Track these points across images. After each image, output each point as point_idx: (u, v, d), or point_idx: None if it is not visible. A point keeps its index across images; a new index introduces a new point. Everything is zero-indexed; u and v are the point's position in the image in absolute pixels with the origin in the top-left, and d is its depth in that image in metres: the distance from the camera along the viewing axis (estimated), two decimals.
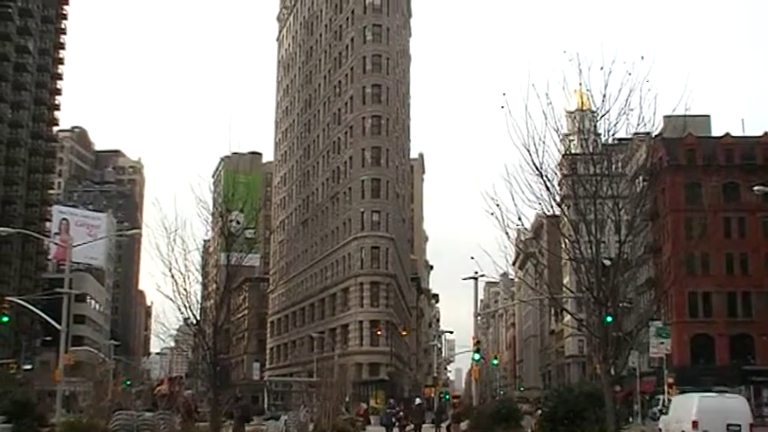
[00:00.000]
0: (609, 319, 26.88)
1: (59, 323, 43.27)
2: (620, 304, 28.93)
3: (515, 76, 27.41)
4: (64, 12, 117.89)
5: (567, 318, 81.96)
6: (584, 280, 27.29)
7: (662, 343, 64.23)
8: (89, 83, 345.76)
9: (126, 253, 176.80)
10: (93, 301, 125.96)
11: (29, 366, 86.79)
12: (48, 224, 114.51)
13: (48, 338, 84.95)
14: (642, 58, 26.16)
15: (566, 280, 64.00)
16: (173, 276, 34.78)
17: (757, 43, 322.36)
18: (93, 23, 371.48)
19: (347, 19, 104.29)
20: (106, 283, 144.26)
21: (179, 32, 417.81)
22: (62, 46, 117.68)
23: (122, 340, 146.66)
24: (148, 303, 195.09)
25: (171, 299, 35.22)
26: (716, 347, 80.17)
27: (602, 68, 26.47)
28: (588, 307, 29.24)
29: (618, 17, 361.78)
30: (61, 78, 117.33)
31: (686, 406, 34.07)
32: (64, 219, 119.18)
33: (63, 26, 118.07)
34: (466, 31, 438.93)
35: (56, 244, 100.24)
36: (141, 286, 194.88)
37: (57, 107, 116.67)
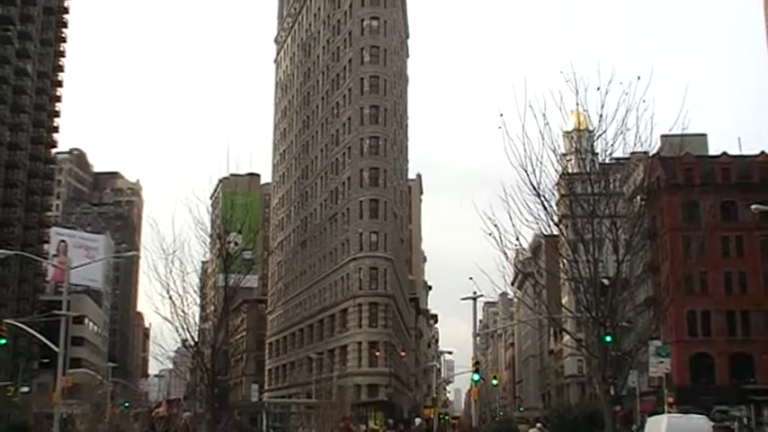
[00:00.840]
0: (608, 338, 26.87)
1: (57, 345, 43.15)
2: (619, 324, 28.92)
3: (512, 97, 27.49)
4: (63, 35, 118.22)
5: (567, 338, 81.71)
6: (583, 299, 27.30)
7: (661, 362, 63.90)
8: (88, 105, 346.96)
9: (124, 275, 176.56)
10: (91, 323, 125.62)
11: (26, 389, 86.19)
12: (46, 246, 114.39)
13: (45, 360, 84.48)
14: (638, 78, 26.38)
15: (564, 300, 63.88)
16: (171, 298, 34.79)
17: (753, 63, 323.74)
18: (92, 45, 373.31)
19: (345, 40, 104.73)
20: (104, 305, 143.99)
21: (177, 54, 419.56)
22: (61, 68, 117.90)
23: (120, 362, 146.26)
24: (147, 325, 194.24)
25: (169, 321, 35.21)
26: (716, 366, 79.87)
27: (598, 89, 26.67)
28: (587, 327, 29.24)
29: (613, 39, 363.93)
30: (60, 101, 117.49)
31: (657, 425, 37.23)
32: (62, 241, 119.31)
33: (62, 49, 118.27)
34: (463, 52, 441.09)
35: (54, 266, 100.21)
36: (139, 308, 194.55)
37: (55, 129, 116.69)
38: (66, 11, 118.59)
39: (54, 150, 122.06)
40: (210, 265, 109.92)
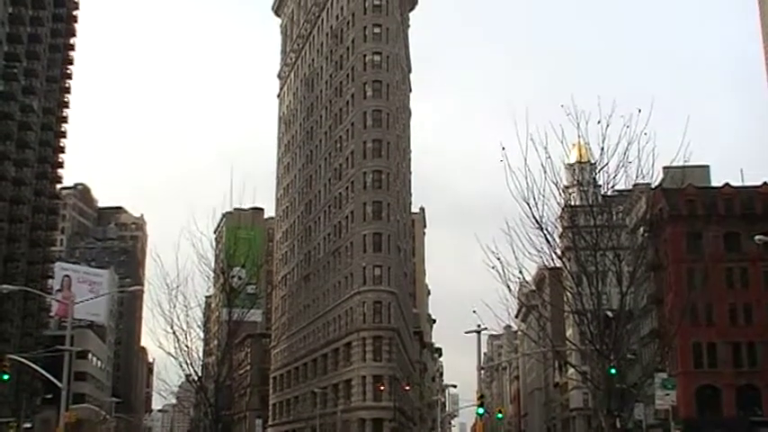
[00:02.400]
0: (613, 371, 26.80)
1: (60, 380, 43.04)
2: (624, 356, 28.85)
3: (513, 131, 27.73)
4: (68, 71, 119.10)
5: (572, 370, 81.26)
6: (587, 332, 27.32)
7: (667, 394, 63.64)
8: (92, 140, 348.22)
9: (128, 309, 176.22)
10: (94, 358, 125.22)
11: (29, 425, 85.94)
12: (50, 281, 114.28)
13: (48, 396, 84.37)
14: (639, 111, 26.64)
15: (569, 332, 63.73)
16: (174, 333, 35.01)
17: (754, 93, 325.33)
18: (96, 81, 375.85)
19: (347, 75, 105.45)
20: (108, 340, 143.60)
21: (181, 89, 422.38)
22: (66, 104, 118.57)
23: (124, 397, 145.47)
24: (150, 360, 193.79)
25: (173, 355, 35.35)
26: (722, 398, 79.26)
27: (599, 122, 26.91)
28: (592, 359, 29.18)
29: (614, 71, 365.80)
30: (65, 136, 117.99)
31: None
32: (66, 275, 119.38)
33: (67, 85, 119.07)
34: (464, 85, 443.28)
35: (58, 301, 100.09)
36: (143, 343, 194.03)
37: (60, 165, 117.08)
38: (71, 48, 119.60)
39: (58, 186, 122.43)
40: (214, 299, 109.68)
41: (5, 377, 44.04)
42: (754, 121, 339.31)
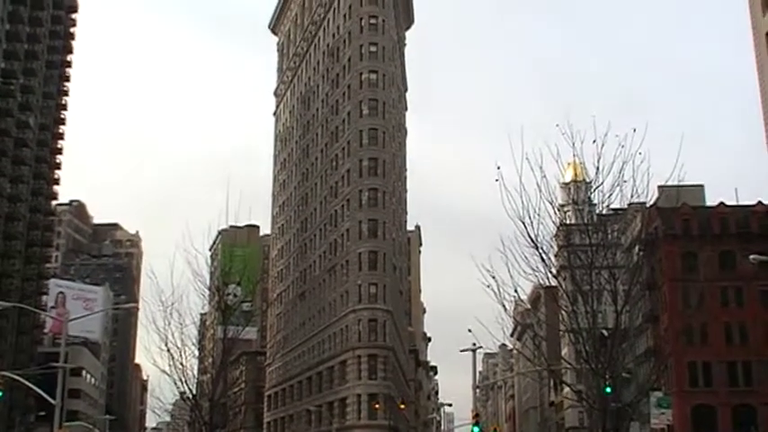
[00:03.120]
0: (608, 389, 26.82)
1: (54, 397, 42.85)
2: (619, 375, 28.87)
3: (509, 149, 27.84)
4: (65, 88, 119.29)
5: (567, 389, 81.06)
6: (583, 351, 27.33)
7: (663, 413, 63.59)
8: (88, 156, 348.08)
9: (122, 326, 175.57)
10: (88, 375, 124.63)
11: None
12: (44, 298, 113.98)
13: (42, 413, 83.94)
14: (634, 130, 26.82)
15: (564, 351, 63.62)
16: (169, 350, 34.92)
17: (749, 112, 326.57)
18: (92, 96, 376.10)
19: (343, 93, 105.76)
20: (102, 357, 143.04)
21: (178, 106, 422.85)
22: (62, 121, 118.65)
23: (118, 415, 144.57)
24: (144, 377, 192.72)
25: (167, 373, 35.25)
26: (718, 418, 79.15)
27: (594, 141, 27.06)
28: (587, 378, 29.19)
29: (609, 90, 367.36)
30: (61, 153, 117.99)
31: None
32: (60, 292, 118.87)
33: (64, 102, 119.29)
34: (460, 104, 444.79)
35: (52, 317, 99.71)
36: (137, 360, 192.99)
37: (56, 181, 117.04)
38: (68, 64, 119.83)
39: (54, 202, 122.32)
40: (209, 317, 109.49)
41: None
42: (748, 139, 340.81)
